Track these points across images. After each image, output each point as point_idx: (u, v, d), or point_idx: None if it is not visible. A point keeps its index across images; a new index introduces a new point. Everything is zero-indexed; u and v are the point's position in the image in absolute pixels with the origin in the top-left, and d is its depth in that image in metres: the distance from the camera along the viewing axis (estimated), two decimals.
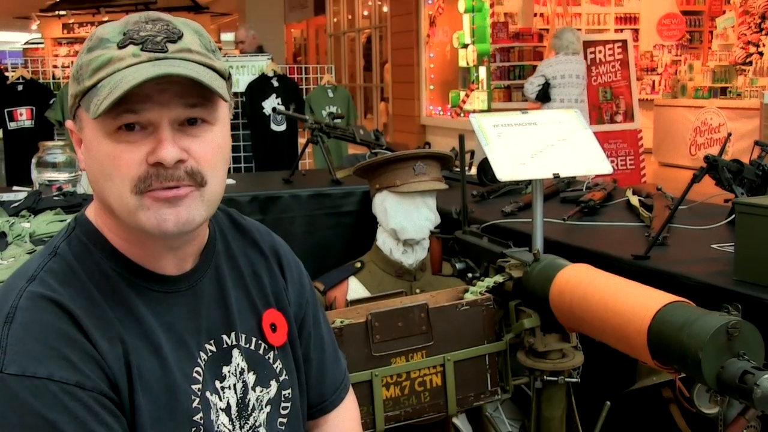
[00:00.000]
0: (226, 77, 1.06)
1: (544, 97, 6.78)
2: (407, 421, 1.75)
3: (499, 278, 1.81)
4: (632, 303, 1.42)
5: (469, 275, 2.04)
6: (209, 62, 1.02)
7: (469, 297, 1.82)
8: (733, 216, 2.56)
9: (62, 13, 19.24)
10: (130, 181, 0.99)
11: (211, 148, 1.03)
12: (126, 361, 1.01)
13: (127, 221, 1.02)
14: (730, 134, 2.35)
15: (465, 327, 1.79)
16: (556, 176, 2.21)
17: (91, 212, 1.11)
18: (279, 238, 1.31)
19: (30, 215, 2.85)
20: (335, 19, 18.39)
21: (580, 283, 1.58)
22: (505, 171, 2.21)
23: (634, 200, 3.03)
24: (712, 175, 2.25)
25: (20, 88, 6.43)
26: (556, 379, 1.74)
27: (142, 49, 0.98)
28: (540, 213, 2.23)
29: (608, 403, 1.84)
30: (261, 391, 1.17)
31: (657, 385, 1.81)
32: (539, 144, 2.29)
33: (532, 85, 6.83)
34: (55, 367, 0.94)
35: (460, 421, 2.36)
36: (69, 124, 1.08)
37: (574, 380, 1.76)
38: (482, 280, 1.85)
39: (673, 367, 1.35)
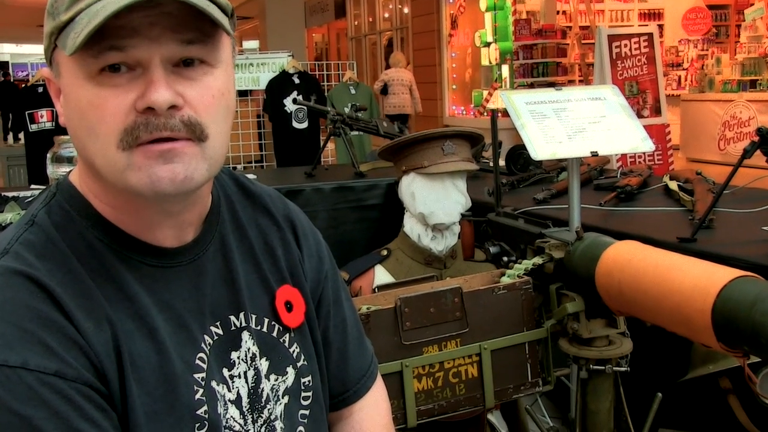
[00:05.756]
0: (229, 14, 0.89)
1: (385, 92, 10.49)
2: (441, 415, 1.61)
3: (538, 260, 1.66)
4: (692, 279, 1.27)
5: (505, 259, 1.89)
6: None
7: (506, 281, 1.68)
8: None
9: None
10: (116, 135, 0.83)
11: (211, 93, 0.87)
12: (115, 347, 0.86)
13: (115, 183, 0.87)
14: None
15: (502, 313, 1.64)
16: (594, 154, 2.07)
17: (75, 176, 0.95)
18: (294, 206, 1.16)
19: None
20: (356, 22, 18.33)
21: (630, 260, 1.43)
22: (540, 150, 2.07)
23: (673, 185, 2.89)
24: (764, 150, 2.09)
25: (41, 90, 6.42)
26: (602, 368, 1.59)
27: None
28: (577, 193, 2.09)
29: (660, 394, 1.68)
30: (276, 380, 1.03)
31: (714, 375, 1.66)
32: (575, 122, 2.15)
33: (378, 86, 10.50)
34: (30, 353, 0.80)
35: (495, 418, 2.22)
36: (45, 71, 0.92)
37: (622, 369, 1.61)
38: (519, 263, 1.70)
39: (742, 351, 1.20)
